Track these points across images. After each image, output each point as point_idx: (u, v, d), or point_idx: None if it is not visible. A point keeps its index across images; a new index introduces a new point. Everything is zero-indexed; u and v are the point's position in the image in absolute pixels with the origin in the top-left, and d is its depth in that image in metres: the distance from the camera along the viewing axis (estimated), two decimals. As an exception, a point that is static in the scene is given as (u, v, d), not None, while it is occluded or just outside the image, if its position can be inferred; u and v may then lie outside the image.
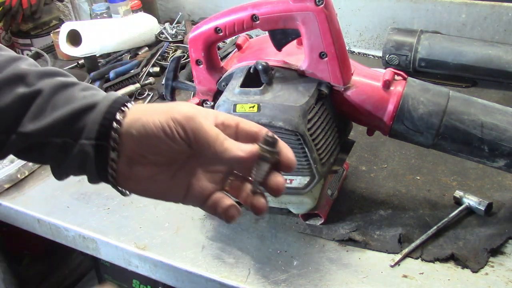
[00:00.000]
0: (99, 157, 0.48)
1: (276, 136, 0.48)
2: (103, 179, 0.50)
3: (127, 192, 0.51)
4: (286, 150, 0.49)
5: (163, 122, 0.47)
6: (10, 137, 0.49)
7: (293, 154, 0.49)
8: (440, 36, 1.22)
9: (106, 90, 1.27)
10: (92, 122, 0.48)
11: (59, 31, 1.43)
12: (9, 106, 0.48)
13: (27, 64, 0.52)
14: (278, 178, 0.48)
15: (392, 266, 0.74)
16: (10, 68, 0.51)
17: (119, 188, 0.51)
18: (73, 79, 0.53)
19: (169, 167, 0.50)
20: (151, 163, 0.49)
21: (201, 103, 0.84)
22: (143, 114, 0.48)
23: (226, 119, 0.50)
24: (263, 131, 0.49)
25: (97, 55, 1.46)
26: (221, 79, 0.81)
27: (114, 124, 0.48)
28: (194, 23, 1.63)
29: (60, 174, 0.52)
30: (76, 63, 1.50)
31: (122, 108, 0.49)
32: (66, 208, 0.93)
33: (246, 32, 0.79)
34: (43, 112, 0.48)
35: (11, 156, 0.52)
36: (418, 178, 0.91)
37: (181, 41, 1.56)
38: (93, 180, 0.51)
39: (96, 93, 0.51)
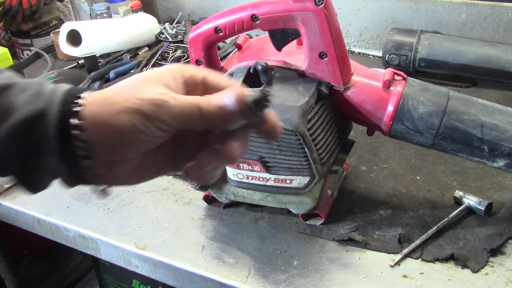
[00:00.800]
0: (69, 167, 0.43)
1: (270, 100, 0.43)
2: (80, 183, 0.45)
3: (110, 192, 0.46)
4: (272, 116, 0.45)
5: (136, 122, 0.41)
6: None
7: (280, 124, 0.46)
8: (440, 36, 1.22)
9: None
10: (48, 138, 0.42)
11: (59, 31, 1.43)
12: None
13: None
14: (235, 145, 0.44)
15: (392, 266, 0.74)
16: None
17: (102, 189, 0.46)
18: (7, 75, 0.45)
19: (152, 151, 0.46)
20: (132, 157, 0.45)
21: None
22: (107, 112, 0.42)
23: (191, 76, 0.46)
24: (236, 90, 0.44)
25: (97, 55, 1.45)
26: (221, 79, 0.80)
27: (76, 132, 0.41)
28: (194, 23, 1.63)
29: (32, 189, 0.46)
30: (76, 63, 1.50)
31: (75, 108, 0.42)
32: (66, 208, 0.93)
33: (246, 32, 0.79)
34: None
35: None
36: (418, 178, 0.91)
37: (181, 41, 1.55)
38: (69, 186, 0.46)
39: (39, 90, 0.43)
